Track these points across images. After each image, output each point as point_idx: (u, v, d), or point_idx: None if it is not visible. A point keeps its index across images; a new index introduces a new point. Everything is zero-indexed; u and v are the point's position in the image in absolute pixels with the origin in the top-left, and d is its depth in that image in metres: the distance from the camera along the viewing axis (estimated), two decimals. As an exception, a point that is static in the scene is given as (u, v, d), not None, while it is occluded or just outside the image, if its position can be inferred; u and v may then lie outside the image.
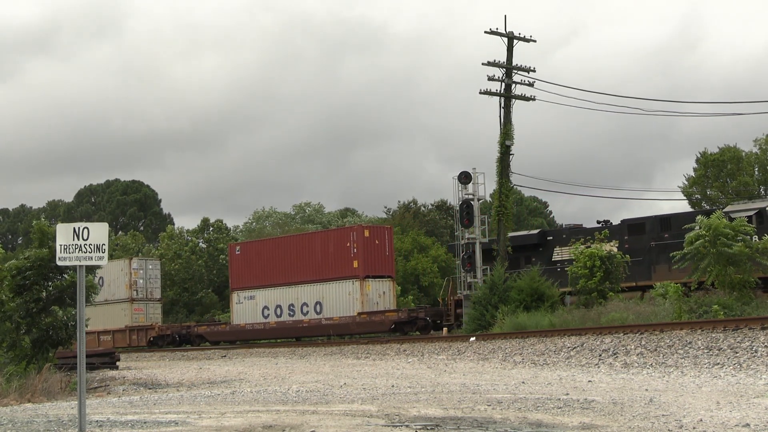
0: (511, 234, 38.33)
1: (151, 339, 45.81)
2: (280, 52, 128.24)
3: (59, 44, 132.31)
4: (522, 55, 59.15)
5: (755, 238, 28.17)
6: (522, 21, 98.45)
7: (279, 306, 42.11)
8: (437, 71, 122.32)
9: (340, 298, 39.79)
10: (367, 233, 40.03)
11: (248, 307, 43.15)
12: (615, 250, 32.81)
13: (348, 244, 39.82)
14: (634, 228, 33.70)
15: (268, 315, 42.36)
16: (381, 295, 39.68)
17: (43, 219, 29.14)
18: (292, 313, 41.54)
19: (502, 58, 36.17)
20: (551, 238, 36.61)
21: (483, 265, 35.67)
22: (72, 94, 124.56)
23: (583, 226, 38.00)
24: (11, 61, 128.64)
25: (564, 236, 35.81)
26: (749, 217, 30.09)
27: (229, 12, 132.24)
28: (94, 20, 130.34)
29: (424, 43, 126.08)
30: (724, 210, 31.42)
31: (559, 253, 35.40)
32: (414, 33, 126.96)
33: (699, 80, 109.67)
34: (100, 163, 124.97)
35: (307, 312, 40.95)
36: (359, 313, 38.83)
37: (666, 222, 32.90)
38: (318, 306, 40.64)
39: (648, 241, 32.91)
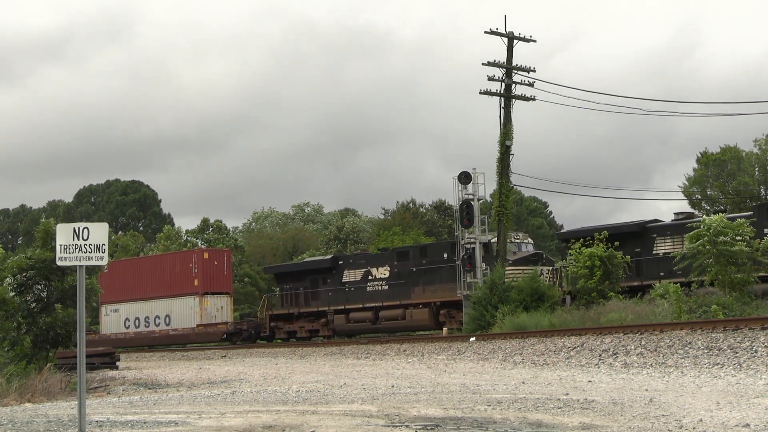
0: (307, 259, 46.40)
1: None
2: (285, 58, 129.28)
3: (72, 50, 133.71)
4: (522, 58, 59.22)
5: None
6: (523, 25, 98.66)
7: (138, 318, 48.01)
8: (439, 75, 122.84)
9: (184, 312, 45.89)
10: (206, 255, 46.61)
11: (113, 318, 48.66)
12: (387, 273, 38.89)
13: (190, 265, 46.00)
14: (401, 255, 39.37)
15: (129, 326, 48.28)
16: (219, 309, 45.88)
17: (51, 219, 29.08)
18: (147, 325, 47.59)
19: (503, 59, 36.17)
20: (342, 262, 41.91)
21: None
22: (81, 98, 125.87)
23: (369, 252, 46.40)
24: (24, 66, 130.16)
25: (351, 261, 41.48)
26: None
27: (236, 19, 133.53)
28: (106, 27, 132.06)
29: (426, 48, 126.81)
30: (462, 242, 35.87)
31: (348, 276, 40.93)
32: (416, 39, 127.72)
33: (696, 85, 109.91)
34: (104, 165, 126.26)
35: (159, 323, 47.01)
36: (198, 325, 45.07)
37: (424, 250, 38.81)
38: (167, 318, 46.71)
39: (410, 266, 38.45)
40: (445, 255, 37.32)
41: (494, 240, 35.85)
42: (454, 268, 36.29)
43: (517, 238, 37.19)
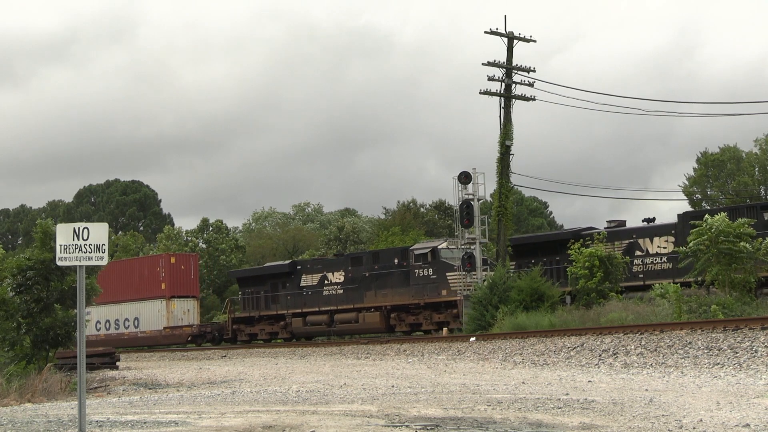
0: (267, 264, 48.04)
1: None
2: (287, 59, 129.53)
3: (74, 52, 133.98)
4: (522, 58, 59.18)
5: (427, 271, 36.68)
6: (523, 25, 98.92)
7: (108, 320, 49.49)
8: (439, 75, 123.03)
9: (152, 315, 47.50)
10: (173, 260, 48.01)
11: None
12: (342, 278, 39.87)
13: (158, 269, 47.50)
14: (355, 260, 40.56)
15: (100, 328, 49.61)
16: (186, 312, 47.44)
17: (49, 219, 29.05)
18: (117, 327, 49.14)
19: (503, 59, 36.18)
20: (300, 267, 43.25)
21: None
22: (83, 99, 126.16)
23: (327, 257, 48.10)
24: (27, 68, 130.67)
25: (309, 266, 42.82)
26: (425, 254, 37.02)
27: (238, 20, 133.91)
28: (108, 29, 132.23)
29: (426, 48, 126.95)
30: (411, 248, 38.45)
31: (305, 280, 42.12)
32: (417, 40, 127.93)
33: (696, 86, 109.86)
34: (105, 165, 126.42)
35: (128, 326, 48.62)
36: (165, 328, 46.78)
37: (377, 256, 39.93)
38: (136, 321, 48.35)
39: (363, 271, 39.52)
40: (396, 260, 38.57)
41: (442, 246, 37.29)
42: (404, 274, 37.83)
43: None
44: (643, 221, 35.20)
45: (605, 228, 35.68)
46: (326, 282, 41.12)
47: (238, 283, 48.22)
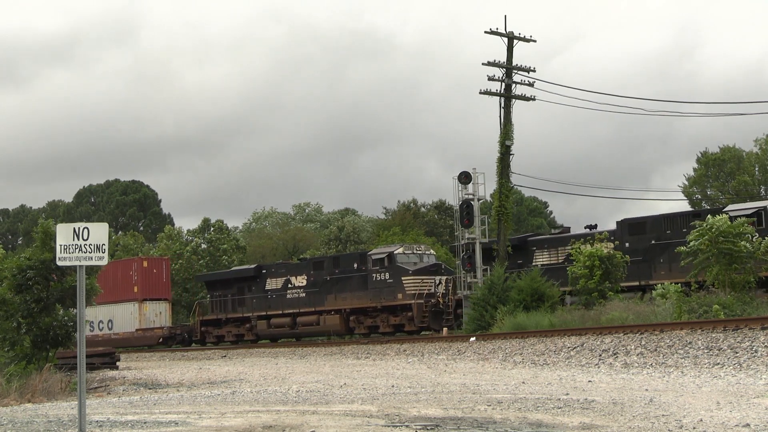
0: (234, 268, 50.12)
1: None
2: (288, 60, 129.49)
3: (76, 53, 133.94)
4: (522, 58, 59.08)
5: (383, 275, 37.40)
6: (523, 25, 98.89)
7: None
8: (440, 76, 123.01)
9: (125, 317, 48.81)
10: (145, 264, 49.21)
11: None
12: (304, 282, 41.30)
13: (131, 273, 48.64)
14: (317, 265, 41.71)
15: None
16: (158, 314, 48.74)
17: (50, 220, 29.01)
18: (92, 329, 49.50)
19: (503, 59, 36.15)
20: (265, 271, 44.24)
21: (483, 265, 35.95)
22: (85, 99, 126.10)
23: (290, 262, 48.50)
24: (30, 69, 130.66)
25: (273, 270, 43.71)
26: (382, 259, 37.83)
27: (239, 21, 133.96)
28: (111, 30, 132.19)
29: (427, 49, 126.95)
30: (369, 253, 39.36)
31: (270, 284, 43.24)
32: (417, 40, 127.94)
33: (696, 86, 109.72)
34: (105, 166, 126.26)
35: (102, 328, 49.76)
36: (137, 330, 48.06)
37: (337, 261, 41.14)
38: (110, 323, 49.66)
39: (325, 275, 40.56)
40: (355, 265, 39.48)
41: (398, 251, 38.18)
42: (362, 278, 38.86)
43: (419, 250, 39.28)
44: (585, 228, 35.83)
45: (551, 235, 36.94)
46: (290, 286, 42.20)
47: (207, 286, 49.32)
